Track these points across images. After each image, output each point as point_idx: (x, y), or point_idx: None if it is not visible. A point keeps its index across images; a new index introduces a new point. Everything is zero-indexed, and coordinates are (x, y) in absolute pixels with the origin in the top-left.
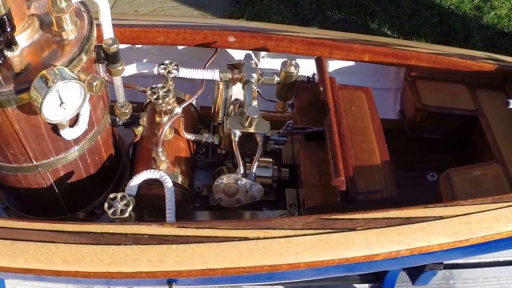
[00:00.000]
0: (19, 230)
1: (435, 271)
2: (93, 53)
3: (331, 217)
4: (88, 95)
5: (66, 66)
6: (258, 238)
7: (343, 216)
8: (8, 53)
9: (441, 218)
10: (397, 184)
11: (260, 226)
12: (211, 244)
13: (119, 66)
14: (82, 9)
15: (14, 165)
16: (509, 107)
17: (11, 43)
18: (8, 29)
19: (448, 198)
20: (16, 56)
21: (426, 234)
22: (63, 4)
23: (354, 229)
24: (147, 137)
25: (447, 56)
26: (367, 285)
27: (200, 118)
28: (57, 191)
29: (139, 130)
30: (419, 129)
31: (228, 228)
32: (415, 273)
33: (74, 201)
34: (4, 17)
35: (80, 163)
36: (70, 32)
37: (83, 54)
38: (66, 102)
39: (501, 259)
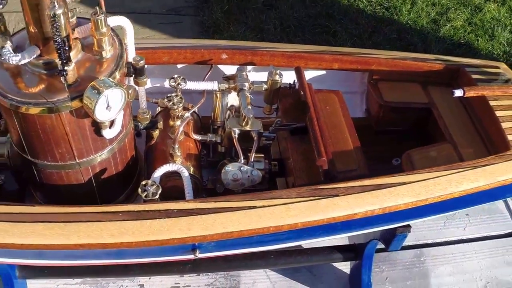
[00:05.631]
0: (69, 214)
1: (405, 234)
2: (125, 68)
3: (318, 187)
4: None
5: None
6: (264, 206)
7: (328, 186)
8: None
9: (404, 183)
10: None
11: (264, 197)
12: (227, 213)
13: (144, 78)
14: (112, 33)
15: (60, 163)
16: (454, 96)
17: (68, 60)
18: (67, 48)
19: None
20: (70, 71)
21: (393, 196)
22: (104, 29)
23: (337, 195)
24: (161, 140)
25: (402, 59)
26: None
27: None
28: (94, 185)
29: (156, 133)
30: (383, 123)
31: (240, 200)
32: (388, 238)
33: (105, 195)
34: (65, 38)
35: (112, 161)
36: (108, 51)
37: (118, 69)
38: (111, 105)
39: (464, 237)
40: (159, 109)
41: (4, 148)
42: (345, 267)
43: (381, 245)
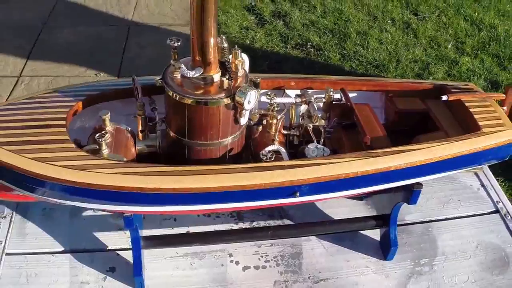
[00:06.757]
0: (217, 169)
1: (419, 190)
2: (249, 82)
3: (367, 152)
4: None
5: None
6: (335, 163)
7: (372, 151)
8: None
9: (417, 149)
10: None
11: (337, 157)
12: (316, 166)
13: (260, 90)
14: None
15: (208, 142)
16: (442, 100)
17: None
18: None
19: None
20: (226, 80)
21: (411, 156)
22: (240, 57)
23: (378, 156)
24: (261, 134)
25: (407, 83)
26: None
27: None
28: (226, 158)
29: (259, 128)
30: (397, 125)
31: (323, 159)
32: (407, 196)
33: None
34: (229, 60)
35: (236, 143)
36: (240, 71)
37: (247, 82)
38: (250, 101)
39: (459, 215)
40: None
41: (156, 140)
42: (376, 236)
43: (399, 222)
